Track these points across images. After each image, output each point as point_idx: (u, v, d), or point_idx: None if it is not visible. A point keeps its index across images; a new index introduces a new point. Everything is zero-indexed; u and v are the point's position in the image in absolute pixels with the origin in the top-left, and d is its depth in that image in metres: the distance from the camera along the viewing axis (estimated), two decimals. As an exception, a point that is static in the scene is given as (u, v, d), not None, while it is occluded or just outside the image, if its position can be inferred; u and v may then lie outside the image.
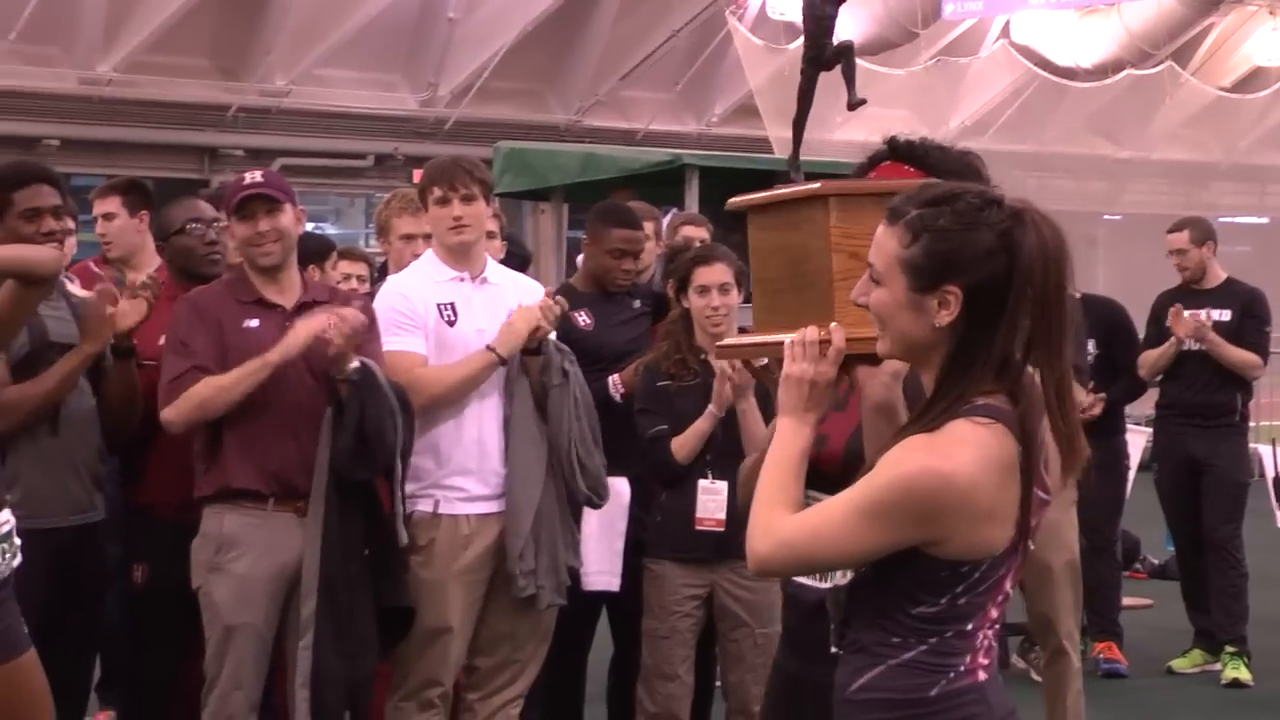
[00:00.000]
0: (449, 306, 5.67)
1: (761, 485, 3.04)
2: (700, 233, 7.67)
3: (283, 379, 5.30)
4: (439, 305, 5.67)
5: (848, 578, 3.07)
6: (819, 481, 3.16)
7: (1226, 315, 8.82)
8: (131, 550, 5.84)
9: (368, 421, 5.26)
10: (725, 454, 5.79)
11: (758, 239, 3.46)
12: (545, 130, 19.84)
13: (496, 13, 19.75)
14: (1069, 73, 23.02)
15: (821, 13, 3.73)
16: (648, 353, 6.38)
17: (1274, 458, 10.50)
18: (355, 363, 5.26)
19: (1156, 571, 11.69)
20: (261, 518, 5.33)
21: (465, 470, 5.64)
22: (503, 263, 6.12)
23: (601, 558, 6.36)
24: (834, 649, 3.07)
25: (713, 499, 5.95)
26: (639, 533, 6.32)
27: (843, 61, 3.76)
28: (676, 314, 6.14)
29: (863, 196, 3.24)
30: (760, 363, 3.55)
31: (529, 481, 5.63)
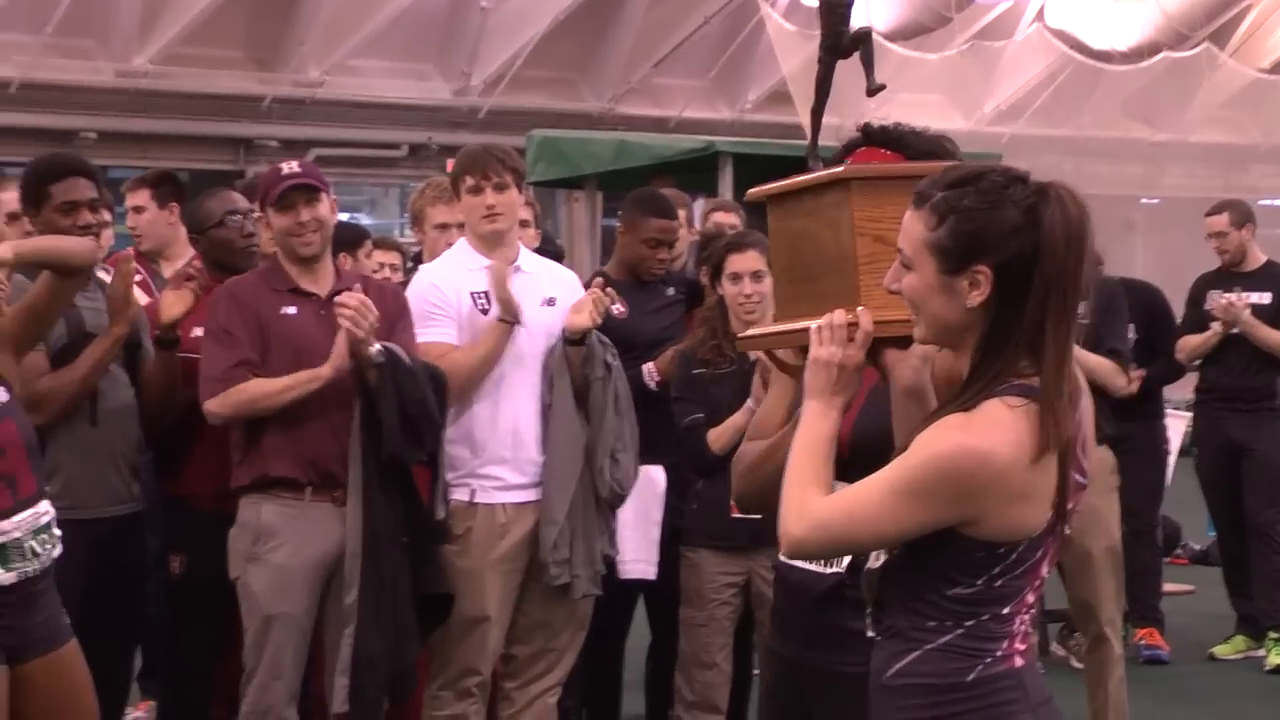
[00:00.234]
0: (483, 295, 5.66)
1: (791, 469, 3.04)
2: (731, 219, 7.65)
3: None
4: (473, 294, 5.67)
5: (879, 560, 3.06)
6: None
7: (1266, 298, 8.77)
8: (169, 541, 5.86)
9: (408, 401, 5.27)
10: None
11: (778, 227, 3.45)
12: (578, 118, 19.82)
13: (529, 1, 19.74)
14: (1105, 56, 22.88)
15: (837, 1, 3.72)
16: (683, 340, 6.37)
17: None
18: (377, 345, 5.26)
19: (1198, 557, 11.64)
20: (299, 507, 5.33)
21: (501, 459, 5.64)
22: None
23: (638, 546, 6.36)
24: (870, 634, 3.07)
25: None
26: (675, 521, 6.32)
27: (861, 48, 3.75)
28: (713, 301, 6.13)
29: (885, 180, 3.23)
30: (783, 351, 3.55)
31: (565, 471, 5.63)
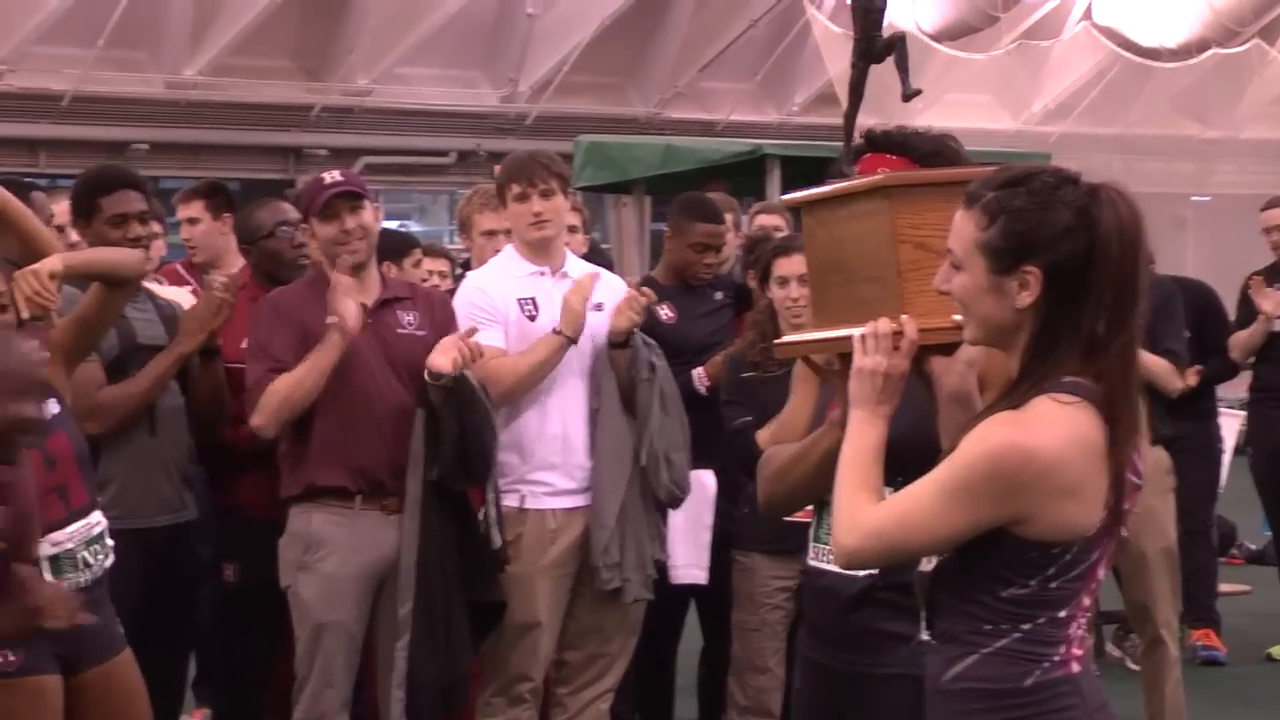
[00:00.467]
0: (530, 301, 5.67)
1: (841, 480, 3.03)
2: (777, 221, 7.63)
3: (367, 378, 5.32)
4: (519, 300, 5.68)
5: (931, 564, 3.05)
6: None
7: (1320, 294, 8.71)
8: (223, 549, 5.89)
9: (468, 434, 5.26)
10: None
11: (814, 234, 3.44)
12: (626, 123, 19.84)
13: (575, 7, 19.76)
14: (1153, 53, 22.78)
15: (870, 6, 3.73)
16: (731, 344, 6.36)
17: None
18: (450, 369, 5.26)
19: (1254, 557, 11.56)
20: (348, 516, 5.35)
21: (550, 465, 5.64)
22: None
23: (689, 551, 6.35)
24: (924, 637, 3.08)
25: None
26: (726, 525, 6.30)
27: (895, 53, 3.75)
28: (763, 305, 6.12)
29: (926, 186, 3.22)
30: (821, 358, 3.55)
31: (615, 475, 5.63)
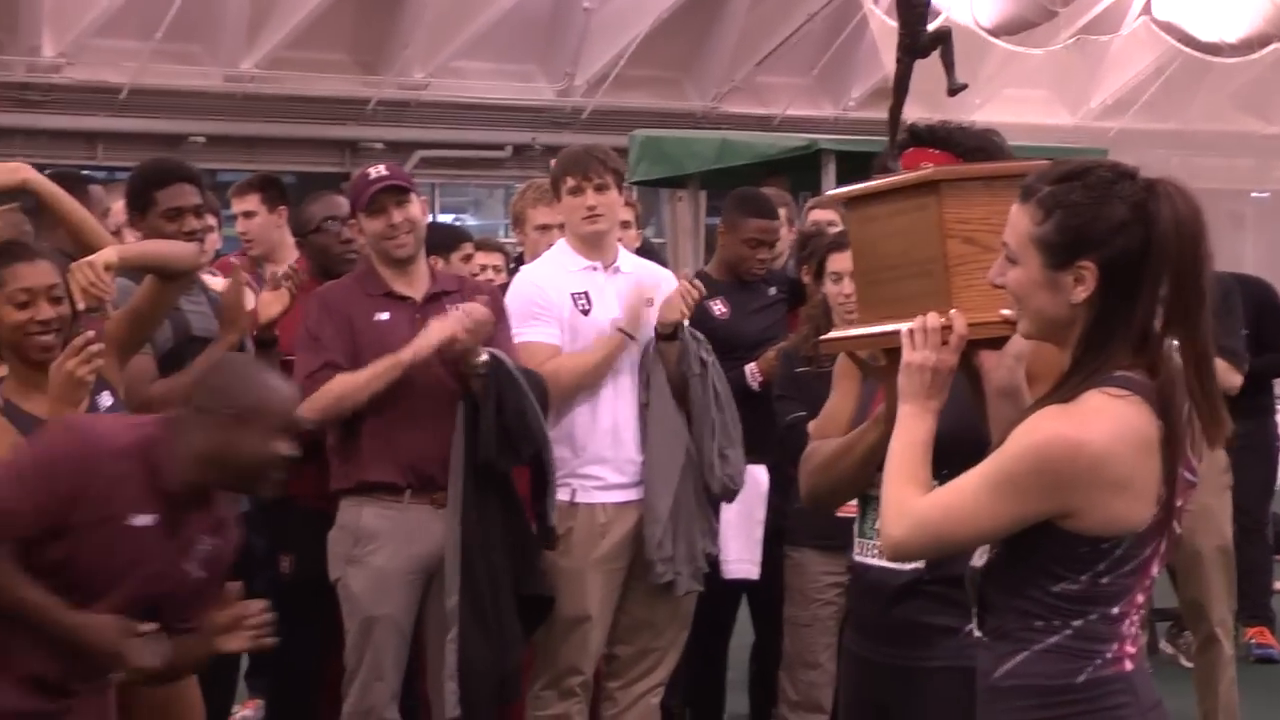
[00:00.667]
0: (583, 295, 5.68)
1: (890, 474, 3.03)
2: (830, 216, 7.61)
3: (416, 374, 5.32)
4: (573, 295, 5.68)
5: (983, 559, 3.04)
6: None
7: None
8: (277, 541, 5.91)
9: (507, 410, 5.28)
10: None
11: (860, 230, 3.43)
12: (682, 118, 19.84)
13: (631, 1, 19.78)
14: (1213, 48, 22.65)
15: (915, 0, 3.71)
16: (785, 340, 6.35)
17: None
18: (484, 355, 5.27)
19: (1309, 555, 11.47)
20: (398, 510, 5.36)
21: (601, 459, 5.65)
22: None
23: (741, 546, 6.35)
24: (976, 633, 3.06)
25: None
26: (778, 521, 6.30)
27: (940, 47, 3.74)
28: (818, 300, 6.10)
29: (974, 181, 3.21)
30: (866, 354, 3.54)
31: (666, 469, 5.63)
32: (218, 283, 5.98)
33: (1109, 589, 2.90)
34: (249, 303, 5.60)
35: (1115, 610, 2.91)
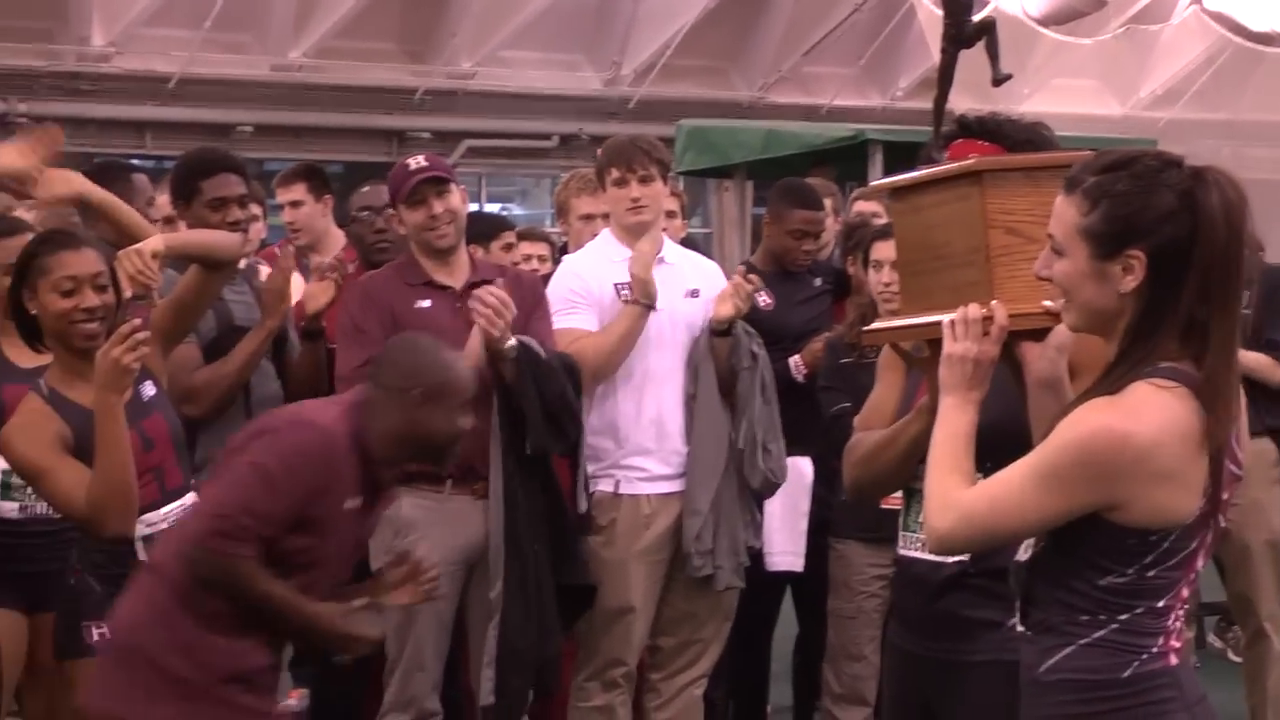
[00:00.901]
0: (626, 286, 5.67)
1: (933, 467, 3.02)
2: (875, 207, 7.58)
3: None
4: (615, 285, 5.68)
5: (1028, 553, 3.02)
6: None
7: None
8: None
9: (549, 395, 5.27)
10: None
11: (903, 221, 3.42)
12: (728, 107, 19.79)
13: (678, -9, 19.75)
14: (1265, 38, 22.47)
15: (960, -11, 3.70)
16: (830, 331, 6.33)
17: None
18: (512, 341, 5.27)
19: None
20: (439, 500, 5.37)
21: (645, 450, 5.65)
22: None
23: (785, 538, 6.34)
24: (1019, 628, 3.05)
25: None
26: (823, 512, 6.28)
27: (985, 38, 3.71)
28: (867, 289, 6.08)
29: (1017, 171, 3.21)
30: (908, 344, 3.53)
31: (710, 462, 5.63)
32: (266, 271, 5.99)
33: (1155, 582, 2.89)
34: (294, 292, 5.61)
35: (1161, 604, 2.90)
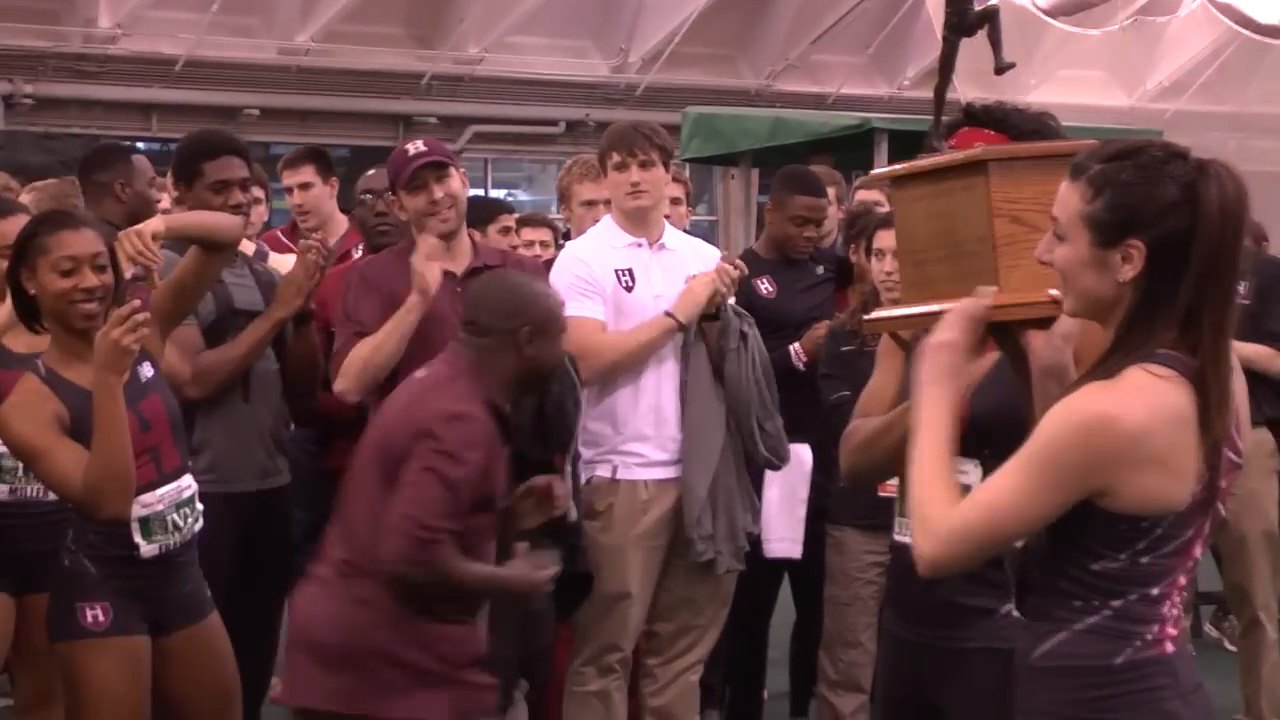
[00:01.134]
0: (627, 272, 5.66)
1: (919, 474, 2.97)
2: (877, 196, 7.57)
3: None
4: (617, 271, 5.67)
5: (1022, 541, 3.01)
6: None
7: None
8: (329, 513, 5.91)
9: (549, 402, 5.25)
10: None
11: (905, 211, 3.41)
12: (736, 95, 19.78)
13: (686, -23, 19.73)
14: (1272, 30, 22.40)
15: (962, -22, 3.69)
16: (832, 319, 6.33)
17: None
18: None
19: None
20: None
21: (642, 436, 5.64)
22: None
23: (783, 525, 6.34)
24: (1015, 614, 3.06)
25: None
26: (821, 499, 6.28)
27: (988, 26, 3.71)
28: (870, 277, 6.08)
29: (1022, 160, 3.19)
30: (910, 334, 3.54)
31: (706, 447, 5.62)
32: (279, 259, 5.99)
33: (1149, 569, 2.89)
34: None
35: (1155, 591, 2.90)
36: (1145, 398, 2.83)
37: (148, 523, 4.41)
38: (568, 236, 7.07)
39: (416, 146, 5.49)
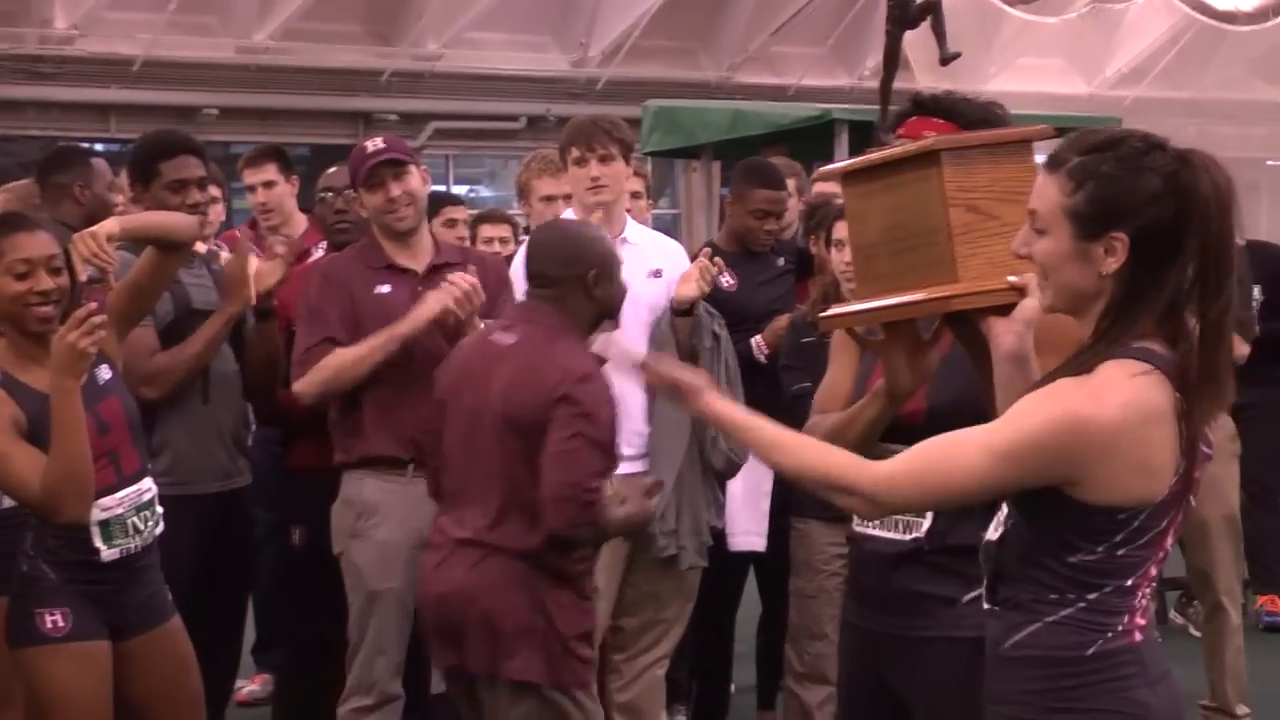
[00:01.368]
0: (588, 267, 5.64)
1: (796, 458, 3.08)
2: (835, 188, 7.54)
3: (418, 345, 5.30)
4: (578, 266, 5.65)
5: (998, 533, 3.02)
6: (902, 436, 3.10)
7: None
8: (291, 513, 5.90)
9: None
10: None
11: (857, 205, 3.40)
12: (696, 88, 19.79)
13: (646, -29, 19.73)
14: (1229, 16, 22.52)
15: (903, -30, 3.69)
16: (793, 311, 6.32)
17: None
18: (481, 326, 5.24)
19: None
20: (401, 484, 5.33)
21: (607, 430, 5.62)
22: None
23: (747, 518, 6.32)
24: (986, 605, 3.04)
25: None
26: (785, 492, 6.27)
27: (931, 17, 3.71)
28: (830, 269, 6.07)
29: (975, 149, 3.19)
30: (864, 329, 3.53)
31: (672, 443, 5.61)
32: (226, 255, 5.96)
33: (1125, 561, 2.89)
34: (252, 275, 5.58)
35: (1129, 582, 2.91)
36: (1118, 394, 2.82)
37: (108, 526, 4.39)
38: (528, 232, 7.06)
39: (375, 144, 5.49)
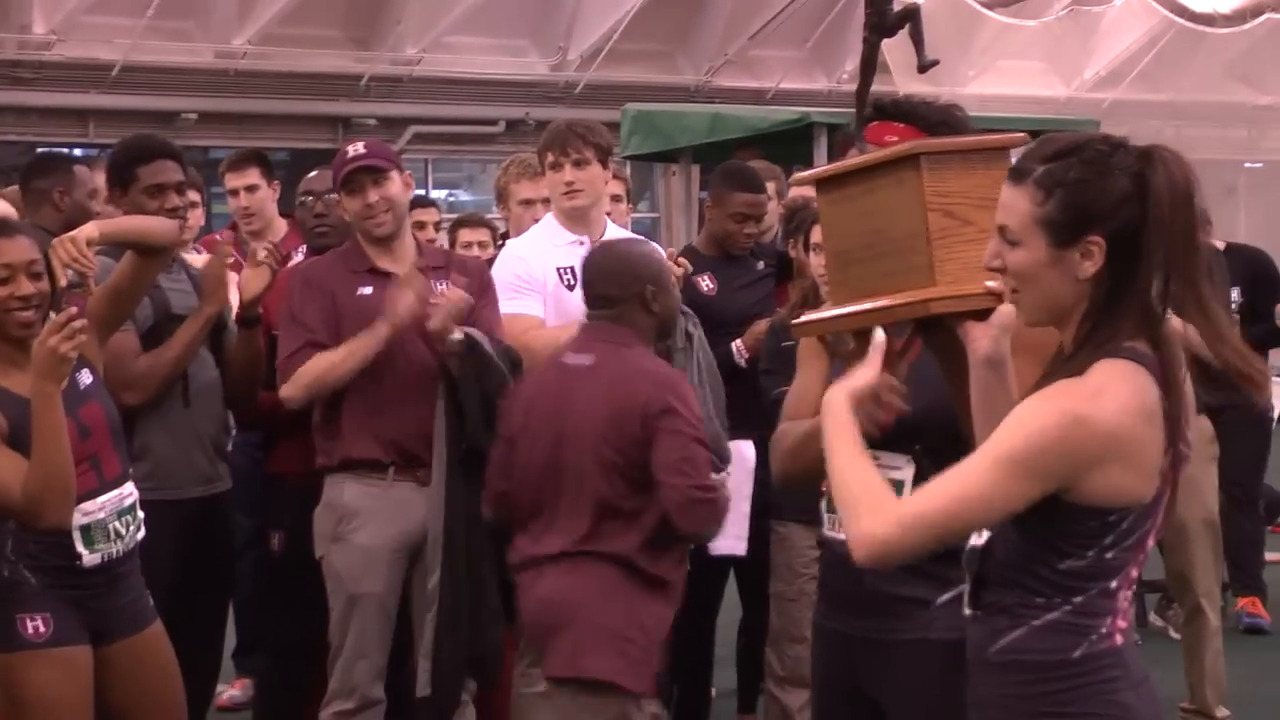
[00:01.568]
0: (568, 270, 5.65)
1: (845, 467, 2.97)
2: (810, 192, 7.55)
3: (399, 349, 5.29)
4: (559, 269, 5.67)
5: (982, 539, 3.02)
6: (870, 445, 3.07)
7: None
8: (271, 517, 5.90)
9: (489, 390, 5.25)
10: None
11: (832, 211, 3.40)
12: (675, 91, 19.82)
13: (624, -26, 19.74)
14: (1207, 19, 22.62)
15: (881, -23, 3.72)
16: (773, 315, 6.32)
17: None
18: (458, 334, 5.24)
19: (1300, 526, 11.45)
20: (382, 487, 5.33)
21: (584, 433, 5.62)
22: None
23: (728, 521, 6.31)
24: (967, 610, 3.04)
25: None
26: (765, 495, 6.27)
27: (909, 25, 3.74)
28: (809, 272, 6.07)
29: (952, 154, 3.19)
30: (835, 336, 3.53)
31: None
32: (200, 260, 5.95)
33: (1111, 563, 2.90)
34: (230, 279, 5.58)
35: (1112, 585, 2.92)
36: (1115, 392, 2.83)
37: (89, 531, 4.38)
38: (506, 236, 7.06)
39: (356, 149, 5.48)
